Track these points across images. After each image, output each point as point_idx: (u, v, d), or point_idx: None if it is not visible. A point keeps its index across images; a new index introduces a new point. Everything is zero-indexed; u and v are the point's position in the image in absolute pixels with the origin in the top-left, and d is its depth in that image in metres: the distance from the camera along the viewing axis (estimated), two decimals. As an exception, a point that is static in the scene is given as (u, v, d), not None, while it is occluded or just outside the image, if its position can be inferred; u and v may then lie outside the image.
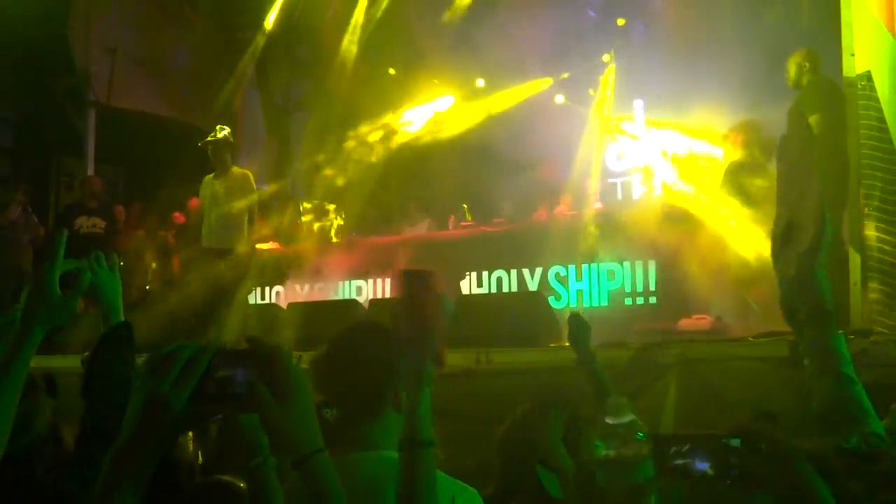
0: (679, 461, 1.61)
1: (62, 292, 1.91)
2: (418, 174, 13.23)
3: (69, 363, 1.97)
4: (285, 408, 1.24)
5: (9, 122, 10.75)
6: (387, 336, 2.16)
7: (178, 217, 10.71)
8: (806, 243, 1.98)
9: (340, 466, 1.95)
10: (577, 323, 3.51)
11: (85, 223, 9.71)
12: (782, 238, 2.05)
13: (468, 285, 8.70)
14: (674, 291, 7.46)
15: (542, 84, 12.57)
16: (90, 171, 10.86)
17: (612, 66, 12.22)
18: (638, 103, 12.96)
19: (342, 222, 11.10)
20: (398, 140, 12.89)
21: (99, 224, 9.79)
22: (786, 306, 2.43)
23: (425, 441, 1.80)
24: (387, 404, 2.13)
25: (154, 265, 10.41)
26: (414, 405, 1.80)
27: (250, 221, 8.48)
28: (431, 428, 1.85)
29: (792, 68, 6.83)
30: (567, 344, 3.66)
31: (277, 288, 9.87)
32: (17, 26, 9.96)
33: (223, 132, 8.36)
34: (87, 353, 2.33)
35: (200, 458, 2.80)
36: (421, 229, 10.85)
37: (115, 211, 10.42)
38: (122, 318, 2.34)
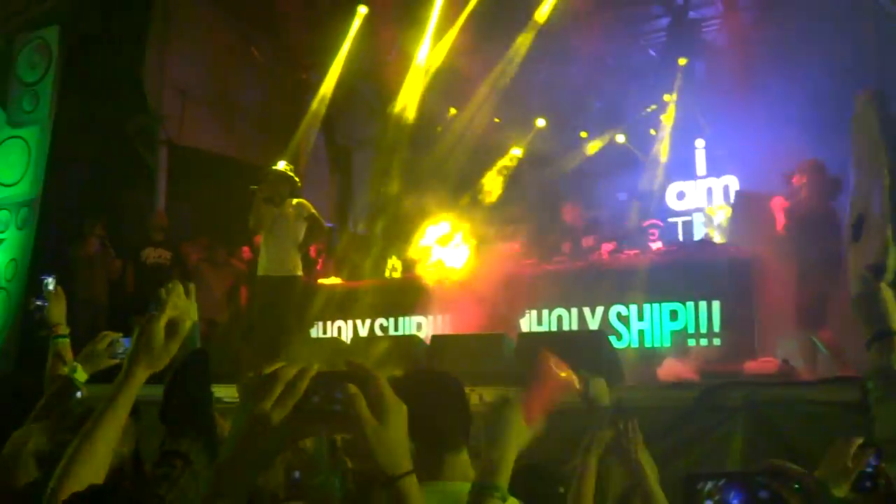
0: (710, 501, 1.61)
1: (165, 339, 1.98)
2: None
3: (150, 391, 2.05)
4: (380, 428, 1.28)
5: (86, 159, 11.12)
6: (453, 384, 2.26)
7: (246, 251, 10.94)
8: (871, 258, 1.95)
9: (445, 491, 2.04)
10: (590, 383, 3.44)
11: (152, 254, 10.04)
12: (854, 229, 2.03)
13: (528, 323, 8.70)
14: (738, 333, 7.37)
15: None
16: (161, 207, 11.19)
17: (674, 105, 12.23)
18: (699, 143, 12.93)
19: (398, 262, 11.17)
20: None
21: (165, 255, 10.10)
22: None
23: (501, 490, 1.88)
24: (461, 443, 2.20)
25: (221, 297, 10.64)
26: (502, 457, 1.92)
27: (307, 248, 8.56)
28: (504, 477, 1.92)
29: (858, 107, 6.73)
30: (630, 385, 3.64)
31: (339, 323, 9.98)
32: (95, 69, 10.38)
33: (281, 164, 8.52)
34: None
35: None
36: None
37: (181, 244, 10.74)
38: (199, 346, 2.43)
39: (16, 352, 9.84)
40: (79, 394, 3.02)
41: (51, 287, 3.60)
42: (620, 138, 13.39)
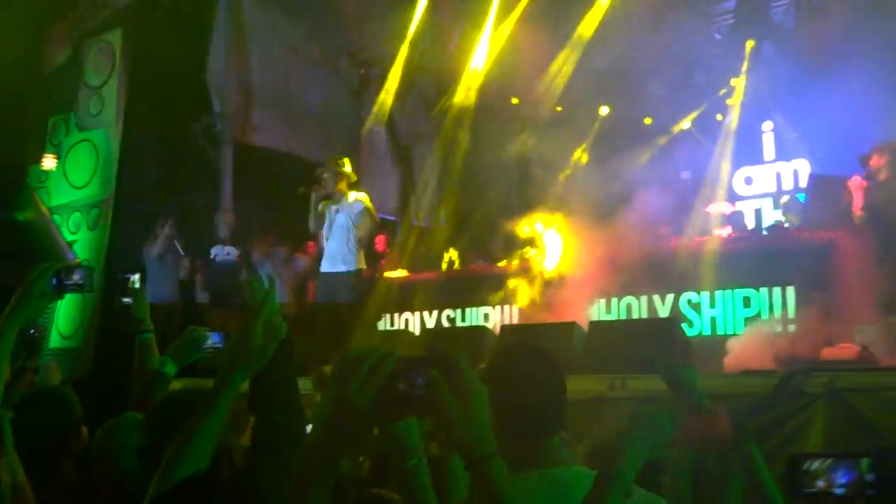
0: (813, 487, 1.58)
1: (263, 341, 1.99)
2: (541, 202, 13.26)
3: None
4: (463, 411, 1.28)
5: (154, 160, 11.37)
6: (552, 363, 2.23)
7: (311, 247, 11.06)
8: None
9: (543, 479, 2.02)
10: (680, 369, 3.35)
11: (220, 253, 10.20)
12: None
13: (597, 312, 8.63)
14: (814, 319, 7.19)
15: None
16: (227, 205, 11.37)
17: (741, 89, 12.00)
18: (767, 125, 12.67)
19: (455, 253, 11.18)
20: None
21: (233, 253, 10.26)
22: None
23: (624, 485, 1.87)
24: (556, 427, 2.17)
25: (288, 293, 10.77)
26: (628, 452, 1.92)
27: (366, 243, 8.62)
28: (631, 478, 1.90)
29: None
30: (706, 372, 3.57)
31: (406, 315, 10.04)
32: (161, 71, 10.58)
33: (339, 161, 8.59)
34: None
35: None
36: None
37: (248, 242, 10.92)
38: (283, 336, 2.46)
39: (92, 352, 10.09)
40: (168, 387, 3.09)
41: (136, 284, 3.67)
42: (686, 124, 13.20)
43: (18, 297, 2.50)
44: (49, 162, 11.14)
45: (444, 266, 11.08)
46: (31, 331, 4.70)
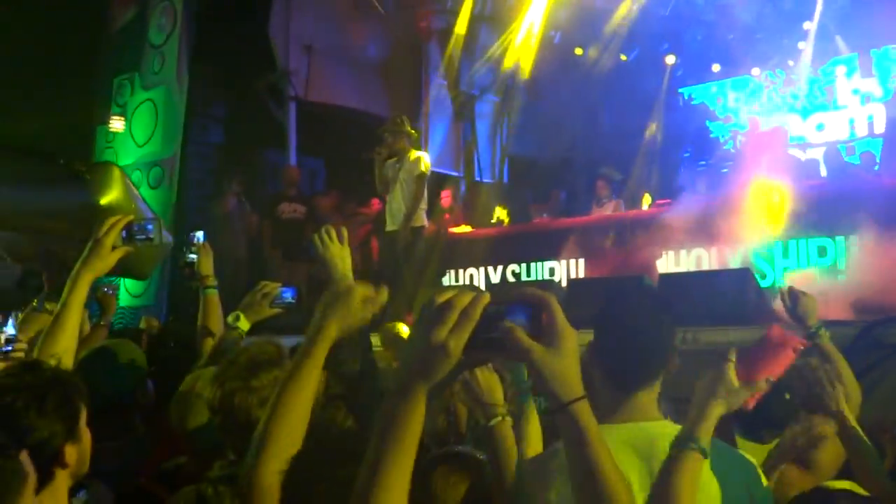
0: None
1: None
2: (606, 154, 13.09)
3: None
4: (549, 353, 1.25)
5: (221, 119, 11.48)
6: (664, 305, 2.16)
7: (376, 203, 11.09)
8: None
9: (620, 434, 1.98)
10: (798, 297, 3.30)
11: (287, 209, 10.29)
12: None
13: (665, 265, 8.48)
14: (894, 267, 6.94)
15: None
16: (292, 163, 11.44)
17: (813, 33, 11.60)
18: (840, 70, 12.25)
19: (503, 211, 11.07)
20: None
21: (299, 210, 10.34)
22: None
23: (702, 448, 1.83)
24: (660, 373, 2.10)
25: (353, 249, 10.83)
26: (705, 413, 1.87)
27: (423, 201, 8.62)
28: (706, 432, 1.86)
29: None
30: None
31: (471, 270, 10.02)
32: (224, 29, 10.64)
33: (399, 119, 8.60)
34: None
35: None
36: (607, 209, 10.71)
37: (313, 198, 10.98)
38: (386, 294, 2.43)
39: (165, 308, 10.34)
40: (242, 342, 3.12)
41: (200, 241, 3.75)
42: (755, 71, 12.83)
43: (90, 250, 2.53)
44: (117, 123, 11.33)
45: (494, 221, 11.01)
46: (106, 289, 4.81)
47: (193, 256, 3.74)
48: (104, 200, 7.68)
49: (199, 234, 3.85)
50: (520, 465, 2.16)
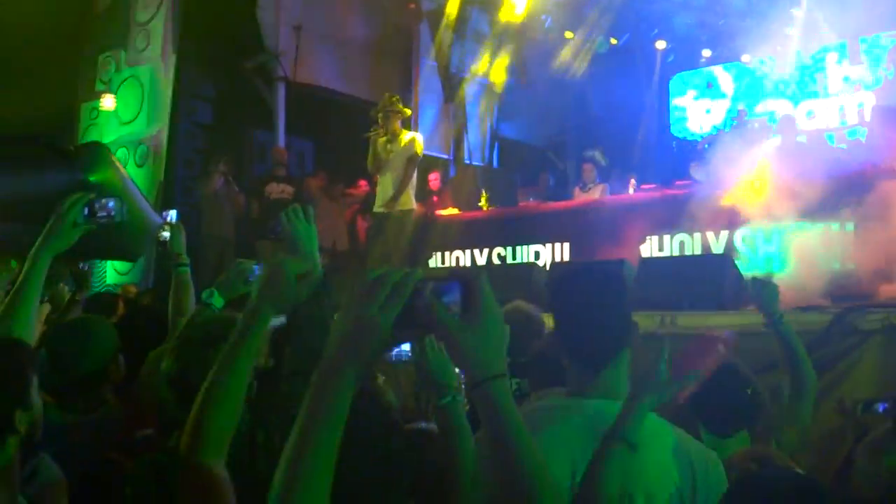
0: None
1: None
2: (595, 138, 13.10)
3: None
4: (469, 330, 1.24)
5: (209, 99, 11.43)
6: (620, 285, 2.18)
7: (364, 184, 11.10)
8: None
9: (584, 409, 2.01)
10: (762, 285, 3.36)
11: (275, 190, 10.30)
12: None
13: (648, 249, 8.51)
14: (872, 255, 6.97)
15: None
16: (280, 144, 11.43)
17: (801, 19, 11.59)
18: (830, 58, 12.26)
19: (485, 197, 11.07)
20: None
21: (287, 190, 10.35)
22: None
23: (629, 441, 1.88)
24: (624, 350, 2.12)
25: (340, 229, 10.86)
26: (635, 406, 1.93)
27: (413, 183, 8.63)
28: (636, 432, 1.90)
29: None
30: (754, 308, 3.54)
31: (457, 252, 10.03)
32: (213, 11, 10.57)
33: (392, 99, 8.59)
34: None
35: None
36: (594, 194, 10.74)
37: (302, 179, 10.98)
38: (320, 268, 2.45)
39: (151, 286, 10.32)
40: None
41: (173, 219, 3.75)
42: (746, 58, 12.82)
43: (50, 227, 2.52)
44: (108, 101, 11.27)
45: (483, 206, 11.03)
46: (81, 265, 4.81)
47: (166, 234, 3.74)
48: (94, 178, 7.67)
49: (172, 213, 3.86)
50: (467, 443, 2.17)
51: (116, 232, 2.92)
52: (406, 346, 2.40)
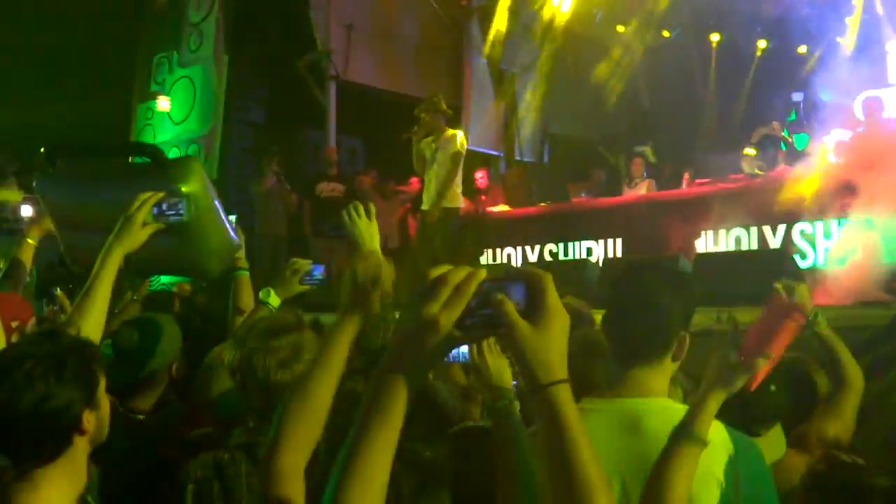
0: None
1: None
2: (647, 133, 12.96)
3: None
4: (534, 331, 1.22)
5: (262, 98, 11.56)
6: (681, 280, 2.13)
7: (415, 182, 11.11)
8: None
9: (617, 409, 1.98)
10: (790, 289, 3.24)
11: (326, 188, 10.36)
12: None
13: (704, 244, 8.39)
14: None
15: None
16: (331, 142, 11.50)
17: (860, 6, 11.30)
18: (891, 45, 11.93)
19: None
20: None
21: (338, 189, 10.40)
22: None
23: (700, 438, 1.83)
24: (669, 351, 2.07)
25: (392, 227, 10.89)
26: (704, 401, 1.87)
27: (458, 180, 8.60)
28: (707, 429, 1.86)
29: None
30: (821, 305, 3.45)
31: (508, 249, 10.01)
32: (265, 11, 10.69)
33: (434, 98, 8.58)
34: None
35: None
36: (641, 189, 10.63)
37: (353, 177, 11.05)
38: (384, 264, 2.46)
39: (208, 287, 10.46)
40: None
41: (232, 224, 3.77)
42: (801, 49, 12.55)
43: (120, 227, 2.54)
44: (163, 102, 11.46)
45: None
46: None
47: (238, 250, 3.76)
48: (186, 189, 7.83)
49: (231, 218, 3.87)
50: (524, 444, 2.15)
51: (196, 250, 2.95)
52: (463, 348, 2.38)
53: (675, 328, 2.06)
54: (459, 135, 8.40)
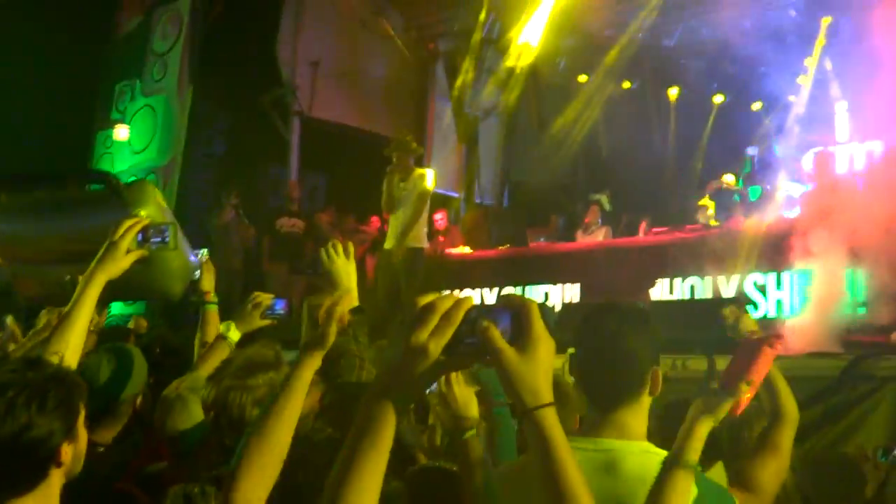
0: None
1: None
2: (604, 181, 13.15)
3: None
4: (520, 357, 1.24)
5: (224, 131, 11.54)
6: (644, 318, 2.16)
7: (375, 221, 11.13)
8: None
9: (596, 449, 2.00)
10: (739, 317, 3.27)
11: (286, 223, 10.35)
12: None
13: (659, 292, 8.51)
14: (886, 302, 6.95)
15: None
16: (294, 177, 11.49)
17: (813, 68, 11.66)
18: (841, 106, 12.28)
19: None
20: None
21: (298, 224, 10.39)
22: None
23: (691, 466, 1.87)
24: (645, 388, 2.08)
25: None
26: (692, 429, 1.92)
27: (424, 220, 8.61)
28: (697, 456, 1.91)
29: None
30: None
31: (466, 291, 10.03)
32: (231, 43, 10.71)
33: (406, 138, 8.61)
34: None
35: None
36: (597, 236, 10.77)
37: (313, 214, 11.03)
38: (358, 303, 2.46)
39: (162, 320, 10.31)
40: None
41: (203, 258, 3.78)
42: (756, 105, 12.89)
43: (104, 252, 2.49)
44: (122, 132, 11.37)
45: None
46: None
47: (196, 273, 3.76)
48: (143, 213, 7.73)
49: (203, 252, 3.87)
50: (488, 474, 2.17)
51: (158, 272, 2.91)
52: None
53: (647, 365, 2.07)
54: (429, 174, 8.42)
